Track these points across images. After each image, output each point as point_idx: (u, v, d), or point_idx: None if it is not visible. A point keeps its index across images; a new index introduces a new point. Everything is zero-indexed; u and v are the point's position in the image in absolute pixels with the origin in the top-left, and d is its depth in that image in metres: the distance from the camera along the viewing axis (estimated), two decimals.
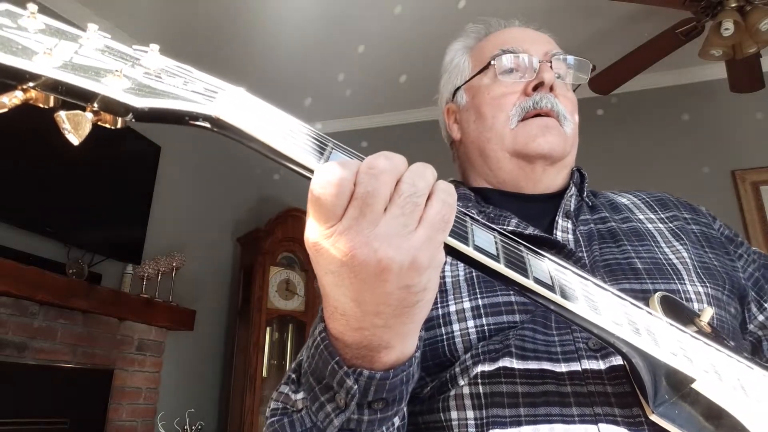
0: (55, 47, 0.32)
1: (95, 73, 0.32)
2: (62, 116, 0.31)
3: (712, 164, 3.30)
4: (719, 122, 3.40)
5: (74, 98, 0.32)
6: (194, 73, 0.39)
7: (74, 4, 3.00)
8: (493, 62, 0.85)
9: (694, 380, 0.53)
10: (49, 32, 0.33)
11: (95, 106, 0.32)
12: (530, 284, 0.47)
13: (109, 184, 2.94)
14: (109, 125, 0.33)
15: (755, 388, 0.58)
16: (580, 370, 0.60)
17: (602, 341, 0.53)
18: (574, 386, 0.59)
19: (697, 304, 0.67)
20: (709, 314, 0.63)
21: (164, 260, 3.09)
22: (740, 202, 3.23)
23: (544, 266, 0.50)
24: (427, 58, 0.98)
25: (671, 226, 0.79)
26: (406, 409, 0.55)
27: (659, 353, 0.52)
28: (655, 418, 0.53)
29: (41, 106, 0.32)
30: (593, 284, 0.55)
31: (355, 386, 0.46)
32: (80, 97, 0.33)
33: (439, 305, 0.67)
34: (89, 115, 0.32)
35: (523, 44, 0.85)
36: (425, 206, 0.40)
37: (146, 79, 0.35)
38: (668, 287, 0.68)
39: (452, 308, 0.67)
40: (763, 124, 3.25)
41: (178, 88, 0.36)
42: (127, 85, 0.33)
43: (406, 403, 0.52)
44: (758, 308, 0.78)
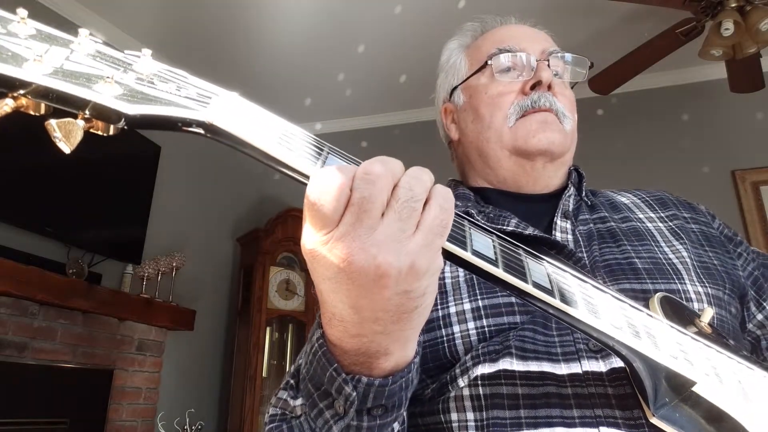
0: (45, 53, 0.31)
1: (87, 79, 0.32)
2: (53, 125, 0.30)
3: (712, 164, 3.29)
4: (719, 122, 3.40)
5: (65, 105, 0.32)
6: (188, 78, 0.38)
7: (74, 4, 3.00)
8: (490, 62, 0.84)
9: (695, 383, 0.53)
10: (39, 38, 0.33)
11: (87, 113, 0.32)
12: (529, 288, 0.47)
13: (109, 183, 2.94)
14: (101, 132, 0.33)
15: (756, 389, 0.57)
16: (580, 371, 0.60)
17: (602, 344, 0.52)
18: (574, 388, 0.59)
19: (697, 303, 0.67)
20: (709, 315, 0.63)
21: (164, 260, 3.10)
22: (740, 202, 3.23)
23: (543, 270, 0.50)
24: (427, 58, 0.97)
25: (671, 225, 0.79)
26: (405, 413, 0.55)
27: (659, 356, 0.52)
28: (655, 421, 0.53)
29: (32, 113, 0.31)
30: (592, 287, 0.54)
31: (353, 393, 0.46)
32: (71, 104, 0.32)
33: (439, 307, 0.67)
34: (81, 122, 0.32)
35: (520, 42, 0.84)
36: (423, 211, 0.40)
37: (138, 85, 0.35)
38: (668, 287, 0.67)
39: (452, 310, 0.67)
40: (763, 124, 3.24)
41: (170, 93, 0.36)
42: (119, 91, 0.33)
43: (405, 408, 0.52)
44: (757, 307, 0.78)
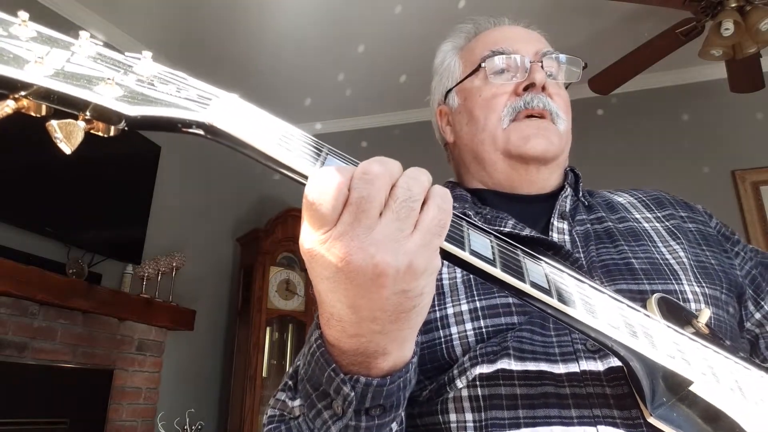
0: (46, 55, 0.32)
1: (87, 81, 0.32)
2: (54, 125, 0.30)
3: (712, 164, 3.30)
4: (719, 122, 3.40)
5: (66, 107, 0.32)
6: (188, 79, 0.38)
7: (75, 5, 3.00)
8: (483, 64, 0.84)
9: (691, 383, 0.53)
10: (40, 40, 0.33)
11: (87, 114, 0.32)
12: (527, 288, 0.47)
13: (109, 183, 2.94)
14: (101, 133, 0.33)
15: (753, 389, 0.58)
16: (578, 371, 0.60)
17: (599, 344, 0.53)
18: (572, 388, 0.60)
19: (694, 304, 0.67)
20: (706, 315, 0.63)
21: (164, 260, 3.10)
22: (740, 202, 3.23)
23: (540, 270, 0.50)
24: (427, 58, 0.97)
25: (668, 225, 0.79)
26: (404, 414, 0.55)
27: (656, 356, 0.52)
28: (653, 420, 0.53)
29: (33, 114, 0.31)
30: (590, 287, 0.54)
31: (352, 393, 0.46)
32: (72, 105, 0.32)
33: (436, 308, 0.67)
34: (81, 123, 0.32)
35: (513, 44, 0.85)
36: (421, 211, 0.40)
37: (139, 86, 0.35)
38: (666, 288, 0.68)
39: (450, 311, 0.67)
40: (763, 124, 3.25)
41: (170, 95, 0.36)
42: (119, 93, 0.33)
43: (403, 408, 0.52)
44: (755, 306, 0.78)
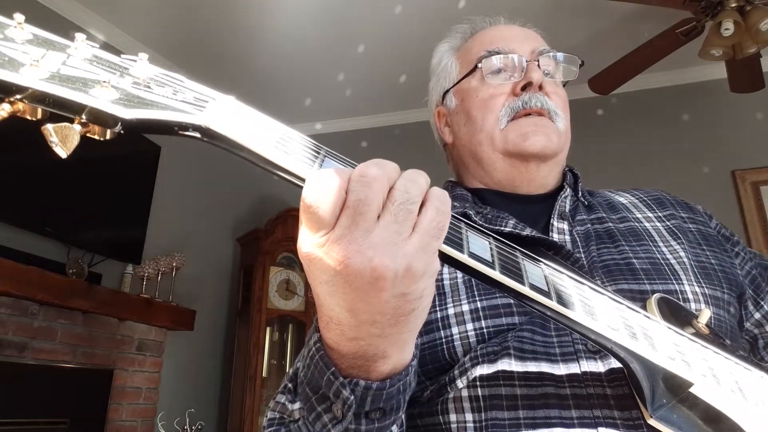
0: (42, 58, 0.32)
1: (83, 84, 0.32)
2: (49, 129, 0.30)
3: (712, 164, 3.29)
4: (719, 122, 3.39)
5: (62, 110, 0.32)
6: (184, 82, 0.38)
7: (74, 4, 3.00)
8: (480, 64, 0.84)
9: (692, 384, 0.53)
10: (36, 42, 0.33)
11: (83, 117, 0.32)
12: (526, 291, 0.47)
13: (109, 183, 2.94)
14: (98, 137, 0.33)
15: (753, 390, 0.58)
16: (579, 372, 0.60)
17: (599, 346, 0.52)
18: (573, 388, 0.59)
19: (695, 304, 0.67)
20: (706, 315, 0.63)
21: (164, 260, 3.10)
22: (740, 202, 3.23)
23: (539, 272, 0.50)
24: (427, 58, 0.97)
25: (668, 225, 0.79)
26: (404, 416, 0.55)
27: (657, 358, 0.52)
28: (653, 422, 0.53)
29: (29, 118, 0.31)
30: (589, 288, 0.54)
31: (351, 397, 0.46)
32: (68, 108, 0.32)
33: (437, 308, 0.67)
34: (77, 127, 0.32)
35: (509, 43, 0.84)
36: (419, 213, 0.40)
37: (135, 89, 0.35)
38: (666, 288, 0.68)
39: (451, 311, 0.67)
40: (763, 124, 3.24)
41: (167, 97, 0.36)
42: (115, 96, 0.33)
43: (403, 411, 0.52)
44: (755, 306, 0.78)
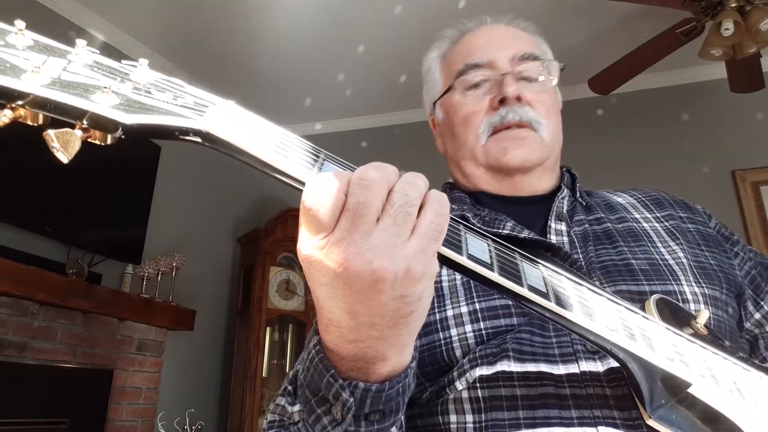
0: (43, 64, 0.32)
1: (84, 90, 0.32)
2: (51, 135, 0.30)
3: (712, 164, 3.29)
4: (719, 122, 3.40)
5: (63, 116, 0.32)
6: (184, 87, 0.39)
7: (75, 5, 3.00)
8: (457, 81, 0.85)
9: (690, 385, 0.53)
10: (37, 49, 0.33)
11: (84, 123, 0.32)
12: (525, 292, 0.47)
13: (109, 183, 2.94)
14: (99, 142, 0.33)
15: (752, 390, 0.58)
16: (578, 372, 0.60)
17: (598, 347, 0.53)
18: (572, 388, 0.60)
19: (694, 305, 0.67)
20: (705, 316, 0.63)
21: (164, 260, 3.10)
22: (740, 202, 3.23)
23: (538, 273, 0.50)
24: None
25: (667, 225, 0.79)
26: (403, 417, 0.55)
27: (655, 358, 0.52)
28: (652, 422, 0.53)
29: (30, 123, 0.32)
30: (588, 289, 0.55)
31: (351, 399, 0.46)
32: (69, 114, 0.33)
33: (436, 310, 0.67)
34: (78, 132, 0.32)
35: (488, 51, 0.84)
36: (418, 216, 0.40)
37: (135, 94, 0.35)
38: (665, 288, 0.68)
39: (450, 313, 0.67)
40: (763, 124, 3.24)
41: (167, 103, 0.36)
42: (116, 101, 0.33)
43: (403, 412, 0.52)
44: (755, 306, 0.78)
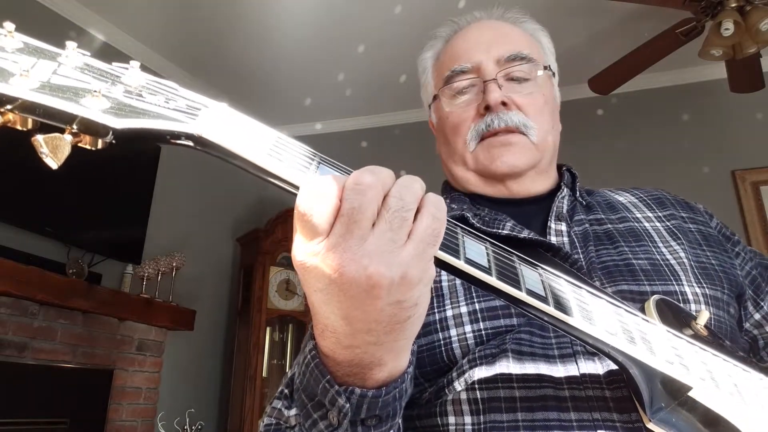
0: (32, 68, 0.31)
1: (74, 93, 0.32)
2: (40, 140, 0.30)
3: (712, 164, 3.29)
4: (719, 122, 3.39)
5: (53, 120, 0.32)
6: (177, 89, 0.38)
7: (74, 4, 3.00)
8: (445, 88, 0.85)
9: (690, 388, 0.52)
10: (26, 51, 0.33)
11: (75, 127, 0.32)
12: (523, 296, 0.47)
13: (109, 183, 2.94)
14: (89, 146, 0.33)
15: (752, 393, 0.57)
16: (578, 374, 0.60)
17: (597, 350, 0.52)
18: (572, 390, 0.59)
19: (694, 305, 0.67)
20: (705, 317, 0.63)
21: (164, 260, 3.10)
22: (740, 202, 3.22)
23: (537, 276, 0.50)
24: None
25: (668, 225, 0.78)
26: (400, 421, 0.55)
27: (655, 362, 0.52)
28: (652, 425, 0.53)
29: (19, 128, 0.31)
30: (587, 292, 0.54)
31: (347, 405, 0.46)
32: (59, 119, 0.32)
33: (435, 310, 0.67)
34: (68, 137, 0.31)
35: (475, 55, 0.83)
36: (414, 220, 0.40)
37: (126, 98, 0.35)
38: (666, 289, 0.67)
39: (449, 313, 0.67)
40: (763, 124, 3.24)
41: (159, 106, 0.36)
42: (106, 105, 0.33)
43: (400, 417, 0.52)
44: (755, 306, 0.78)
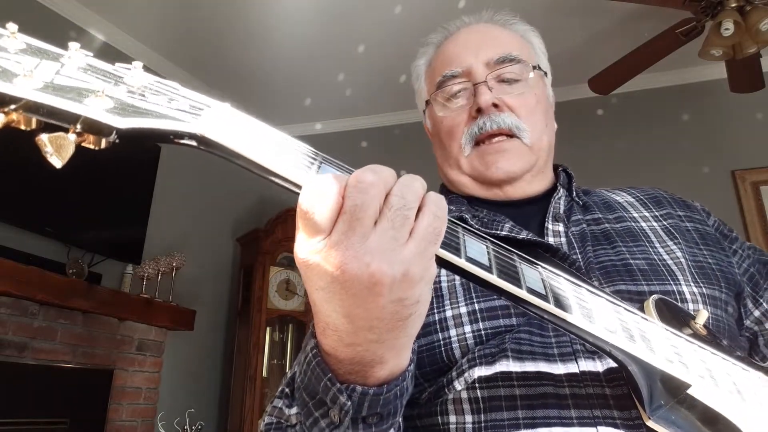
0: (36, 68, 0.31)
1: (77, 93, 0.32)
2: (44, 139, 0.30)
3: (712, 164, 3.29)
4: (719, 122, 3.39)
5: (56, 120, 0.32)
6: (179, 89, 0.38)
7: (75, 5, 3.00)
8: (436, 93, 0.86)
9: (690, 386, 0.53)
10: (30, 52, 0.33)
11: (78, 127, 0.32)
12: (524, 294, 0.47)
13: (109, 184, 2.94)
14: (93, 146, 0.33)
15: (751, 391, 0.58)
16: (578, 372, 0.60)
17: (597, 348, 0.53)
18: (572, 388, 0.60)
19: (692, 304, 0.67)
20: (704, 316, 0.63)
21: (164, 260, 3.10)
22: (740, 202, 3.23)
23: (537, 275, 0.50)
24: None
25: (665, 224, 0.79)
26: (401, 420, 0.55)
27: (654, 360, 0.52)
28: (651, 423, 0.53)
29: (23, 128, 0.31)
30: (587, 291, 0.54)
31: (348, 402, 0.46)
32: (62, 118, 0.32)
33: (435, 310, 0.67)
34: (72, 136, 0.32)
35: (465, 59, 0.84)
36: (416, 219, 0.40)
37: (129, 98, 0.35)
38: (664, 289, 0.68)
39: (449, 313, 0.67)
40: (763, 124, 3.24)
41: (162, 106, 0.36)
42: (110, 105, 0.33)
43: (401, 415, 0.52)
44: (754, 304, 0.78)
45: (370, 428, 0.48)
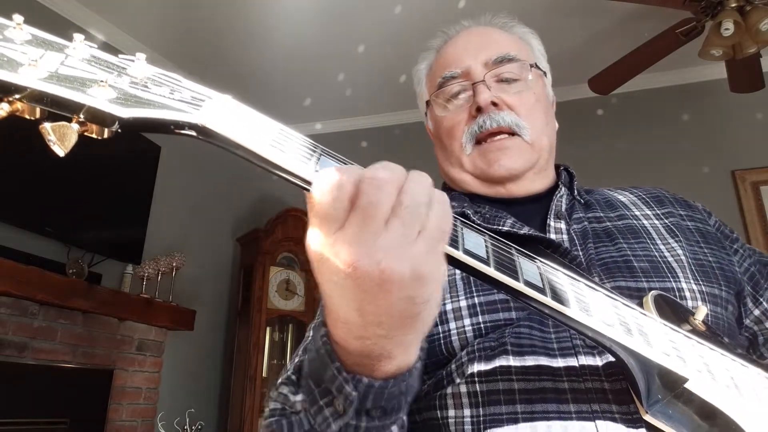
0: (41, 58, 0.32)
1: (81, 83, 0.32)
2: (47, 128, 0.31)
3: (712, 164, 3.29)
4: (719, 122, 3.40)
5: (60, 109, 0.32)
6: (181, 81, 0.39)
7: (74, 4, 3.01)
8: (437, 93, 0.87)
9: (687, 380, 0.53)
10: (35, 43, 0.33)
11: (81, 116, 0.32)
12: (521, 287, 0.47)
13: (109, 183, 2.94)
14: (95, 135, 0.33)
15: (749, 386, 0.58)
16: (577, 366, 0.61)
17: (594, 342, 0.53)
18: (571, 382, 0.60)
19: (692, 302, 0.68)
20: (703, 312, 0.63)
21: (164, 260, 3.10)
22: (740, 202, 3.23)
23: (534, 268, 0.50)
24: None
25: (667, 222, 0.79)
26: (405, 417, 0.55)
27: (651, 353, 0.52)
28: (648, 417, 0.53)
29: (27, 117, 0.32)
30: (585, 285, 0.55)
31: (353, 393, 0.46)
32: (66, 108, 0.33)
33: None
34: (75, 126, 0.32)
35: (464, 59, 0.85)
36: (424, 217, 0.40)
37: (132, 88, 0.35)
38: (663, 285, 0.68)
39: (449, 307, 0.67)
40: (763, 124, 3.24)
41: (164, 97, 0.36)
42: (113, 95, 0.33)
43: (405, 412, 0.52)
44: (754, 303, 0.79)
45: (373, 421, 0.48)
